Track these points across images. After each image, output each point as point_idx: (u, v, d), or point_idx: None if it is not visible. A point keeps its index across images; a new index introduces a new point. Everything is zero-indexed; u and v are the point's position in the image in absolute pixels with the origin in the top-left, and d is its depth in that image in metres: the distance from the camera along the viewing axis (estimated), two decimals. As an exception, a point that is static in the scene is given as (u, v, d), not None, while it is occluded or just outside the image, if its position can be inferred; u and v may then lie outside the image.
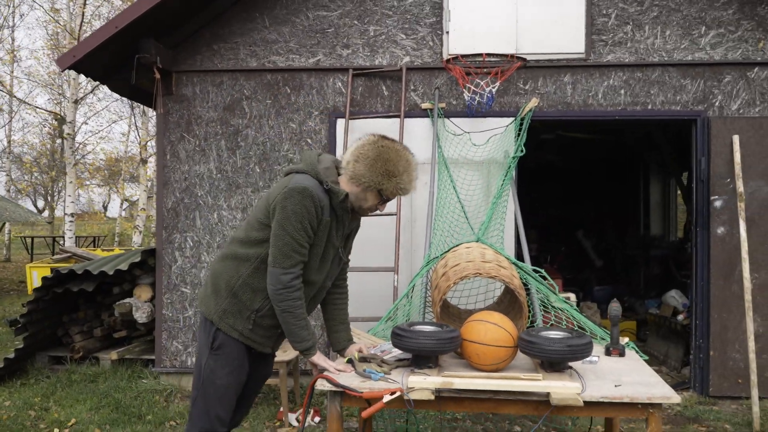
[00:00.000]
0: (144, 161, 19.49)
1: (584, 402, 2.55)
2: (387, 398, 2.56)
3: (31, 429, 4.85)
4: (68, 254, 11.40)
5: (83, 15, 15.58)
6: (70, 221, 15.01)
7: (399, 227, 5.34)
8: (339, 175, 2.82)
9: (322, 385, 2.73)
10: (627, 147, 10.18)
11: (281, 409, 4.99)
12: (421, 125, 5.66)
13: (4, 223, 16.04)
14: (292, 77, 5.79)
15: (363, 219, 5.30)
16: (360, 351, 3.01)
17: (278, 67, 5.78)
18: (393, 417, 4.43)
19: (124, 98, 21.64)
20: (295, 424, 4.90)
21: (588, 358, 3.01)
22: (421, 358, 2.85)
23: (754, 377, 4.89)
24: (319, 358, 2.85)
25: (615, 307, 3.18)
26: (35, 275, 10.77)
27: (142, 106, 20.03)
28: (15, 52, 20.24)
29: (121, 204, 27.25)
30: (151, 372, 6.09)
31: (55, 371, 6.28)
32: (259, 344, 2.88)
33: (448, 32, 5.63)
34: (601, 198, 11.73)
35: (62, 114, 19.77)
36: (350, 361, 2.94)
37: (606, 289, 9.68)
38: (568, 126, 8.33)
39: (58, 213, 35.29)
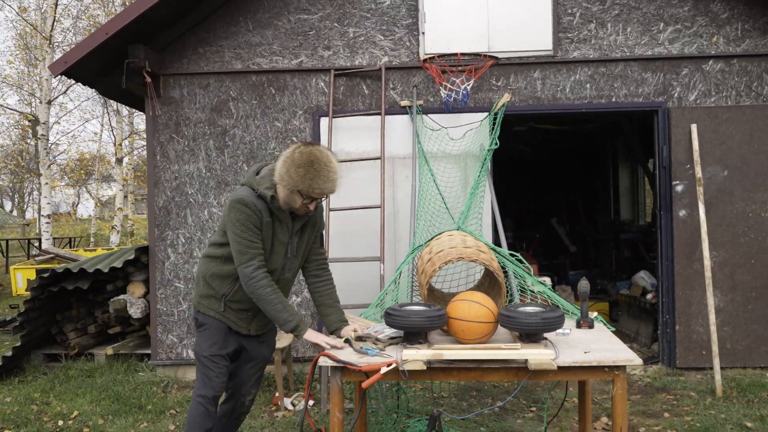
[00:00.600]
0: (119, 161, 19.50)
1: (558, 367, 2.88)
2: (384, 370, 2.86)
3: (35, 422, 5.04)
4: (50, 255, 11.51)
5: (54, 16, 15.54)
6: (47, 222, 15.03)
7: (383, 219, 5.64)
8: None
9: (324, 362, 3.03)
10: (597, 137, 10.59)
11: (276, 394, 5.27)
12: (401, 122, 5.96)
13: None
14: (276, 78, 6.05)
15: (350, 213, 5.69)
16: (355, 331, 3.33)
17: (262, 69, 6.04)
18: (385, 395, 4.74)
19: (95, 97, 21.61)
20: (290, 407, 5.18)
21: (561, 331, 3.34)
22: (412, 334, 3.16)
23: (715, 348, 5.28)
24: (310, 335, 3.21)
25: (584, 284, 3.51)
26: (19, 277, 10.86)
27: (115, 105, 20.03)
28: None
29: (96, 204, 27.13)
30: (146, 365, 6.31)
31: (51, 368, 6.45)
32: (234, 323, 3.35)
33: (424, 33, 5.93)
34: (574, 186, 12.15)
35: (34, 115, 19.67)
36: (347, 341, 3.24)
37: (580, 273, 10.08)
38: (539, 119, 8.69)
39: (27, 215, 34.95)
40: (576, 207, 12.05)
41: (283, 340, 5.47)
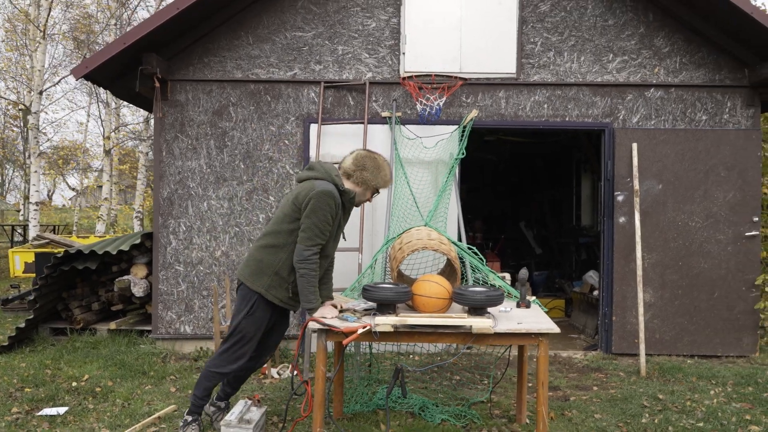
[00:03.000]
0: (107, 152, 20.01)
1: (496, 333, 3.71)
2: (360, 330, 3.66)
3: (51, 383, 5.72)
4: (46, 240, 12.14)
5: (50, 8, 16.02)
6: (35, 210, 15.63)
7: (363, 215, 6.45)
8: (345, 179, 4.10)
9: (313, 325, 3.82)
10: (562, 149, 11.49)
11: (265, 365, 6.04)
12: (381, 130, 6.78)
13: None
14: (272, 87, 6.83)
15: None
16: (334, 306, 4.11)
17: (260, 79, 6.81)
18: (360, 368, 5.54)
19: (80, 87, 22.04)
20: (276, 376, 5.96)
21: (503, 308, 4.18)
22: (384, 306, 3.97)
23: (641, 336, 6.16)
24: (318, 312, 3.94)
25: (523, 271, 4.35)
26: (17, 259, 11.48)
27: (104, 97, 20.55)
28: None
29: (81, 192, 27.60)
30: (146, 339, 7.04)
31: (58, 340, 7.12)
32: (292, 306, 4.11)
33: (404, 53, 6.75)
34: (541, 193, 13.05)
35: (23, 103, 20.09)
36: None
37: (543, 273, 10.97)
38: (504, 132, 9.56)
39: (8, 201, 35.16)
40: (543, 212, 12.94)
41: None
